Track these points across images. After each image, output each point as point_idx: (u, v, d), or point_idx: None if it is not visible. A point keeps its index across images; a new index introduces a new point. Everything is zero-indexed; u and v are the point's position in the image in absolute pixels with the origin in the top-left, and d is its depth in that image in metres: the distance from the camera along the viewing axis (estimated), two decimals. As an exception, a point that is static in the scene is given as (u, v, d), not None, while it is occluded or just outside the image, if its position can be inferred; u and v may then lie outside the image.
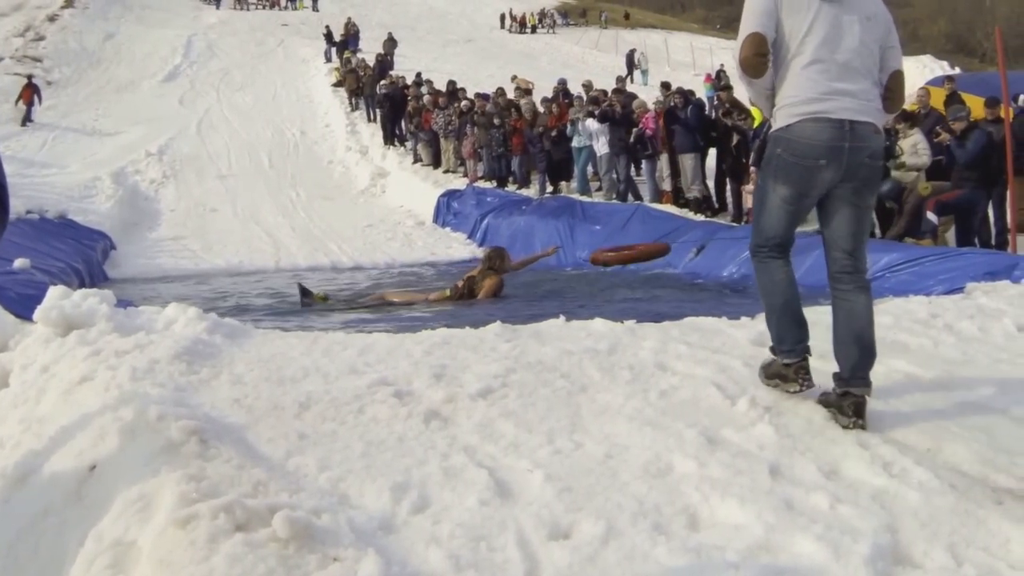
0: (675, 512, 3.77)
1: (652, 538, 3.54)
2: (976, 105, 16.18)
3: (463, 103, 27.09)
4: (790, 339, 5.21)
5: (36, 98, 36.54)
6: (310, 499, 3.68)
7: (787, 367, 5.24)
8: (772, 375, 5.38)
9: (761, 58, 4.96)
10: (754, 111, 17.76)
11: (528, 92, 32.03)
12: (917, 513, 3.79)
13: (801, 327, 5.21)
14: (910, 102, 22.47)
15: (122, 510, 3.58)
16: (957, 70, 40.64)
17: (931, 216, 14.00)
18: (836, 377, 5.03)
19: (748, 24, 5.03)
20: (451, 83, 30.58)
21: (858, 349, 4.99)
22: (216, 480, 3.69)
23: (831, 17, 4.96)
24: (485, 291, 12.74)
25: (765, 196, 5.27)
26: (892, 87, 5.18)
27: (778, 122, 5.14)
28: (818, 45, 4.94)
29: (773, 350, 5.38)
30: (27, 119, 35.69)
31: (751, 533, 3.59)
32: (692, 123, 18.68)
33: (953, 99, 17.70)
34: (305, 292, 13.31)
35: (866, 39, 5.01)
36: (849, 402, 4.88)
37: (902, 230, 14.32)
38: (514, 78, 37.47)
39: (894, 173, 14.36)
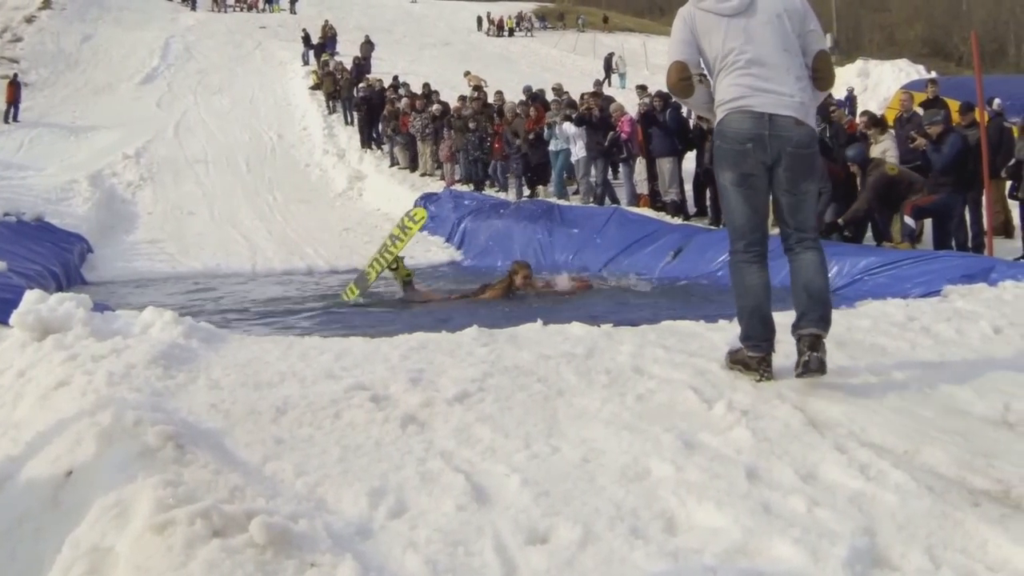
0: (652, 516, 3.75)
1: (629, 542, 3.53)
2: (954, 109, 16.28)
3: (435, 107, 27.10)
4: (757, 337, 5.65)
5: (19, 96, 36.58)
6: (287, 504, 3.68)
7: (752, 358, 5.68)
8: (737, 361, 5.80)
9: (685, 82, 5.60)
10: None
11: (478, 89, 33.06)
12: (894, 516, 3.78)
13: (768, 328, 5.67)
14: (888, 106, 22.59)
15: (99, 516, 3.56)
16: (934, 74, 40.80)
17: (908, 220, 14.07)
18: (792, 328, 5.55)
19: (671, 54, 5.73)
20: (426, 86, 30.61)
21: (807, 295, 5.50)
22: (193, 486, 3.67)
23: (740, 28, 5.50)
24: (489, 295, 13.75)
25: (721, 187, 5.82)
26: (819, 67, 5.64)
27: (716, 120, 5.72)
28: (735, 57, 5.49)
29: (742, 341, 5.78)
30: (13, 117, 35.70)
31: (729, 537, 3.58)
32: (671, 126, 18.67)
33: (936, 103, 17.73)
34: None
35: (781, 36, 5.51)
36: (804, 342, 5.40)
37: (864, 204, 14.34)
38: (467, 74, 38.05)
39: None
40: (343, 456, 4.39)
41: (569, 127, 20.84)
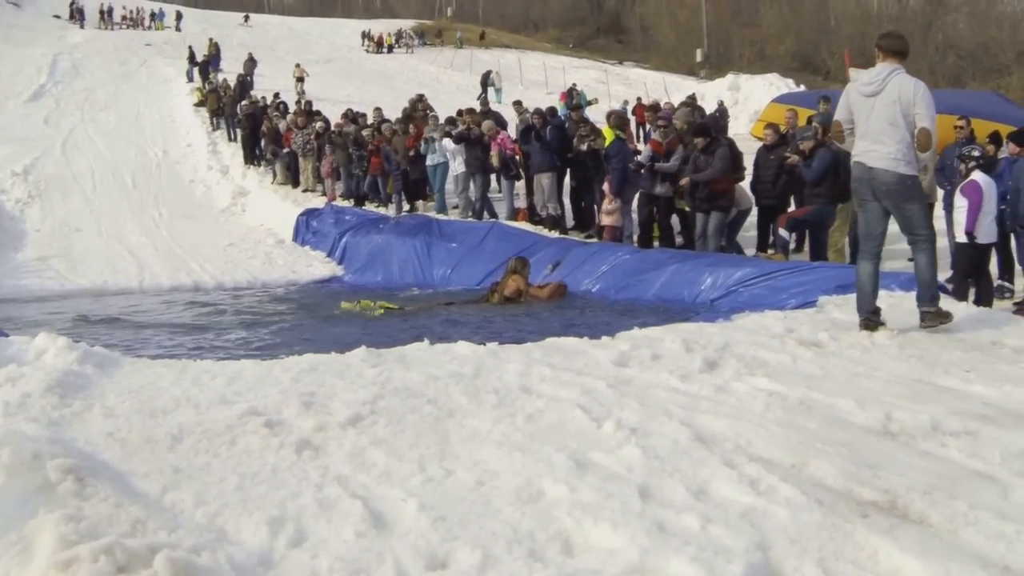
0: (549, 538, 3.75)
1: (528, 565, 3.51)
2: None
3: (319, 124, 26.89)
4: (859, 307, 7.98)
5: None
6: (189, 537, 3.59)
7: (861, 322, 7.89)
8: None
9: (840, 134, 8.22)
10: (605, 130, 17.88)
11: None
12: (786, 530, 3.82)
13: (865, 299, 7.94)
14: (759, 119, 22.74)
15: (1, 553, 3.46)
16: (803, 87, 41.52)
17: (783, 232, 14.26)
18: (916, 301, 7.94)
19: (836, 113, 8.35)
20: (308, 103, 30.33)
21: (920, 283, 7.91)
22: (95, 520, 3.57)
23: (869, 105, 7.82)
24: (510, 289, 14.41)
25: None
26: (917, 137, 7.69)
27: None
28: (862, 123, 7.90)
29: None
30: None
31: (626, 557, 3.57)
32: (552, 143, 18.54)
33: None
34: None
35: (891, 115, 7.71)
36: (923, 316, 7.81)
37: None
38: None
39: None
40: (241, 484, 4.33)
41: (448, 143, 20.73)
